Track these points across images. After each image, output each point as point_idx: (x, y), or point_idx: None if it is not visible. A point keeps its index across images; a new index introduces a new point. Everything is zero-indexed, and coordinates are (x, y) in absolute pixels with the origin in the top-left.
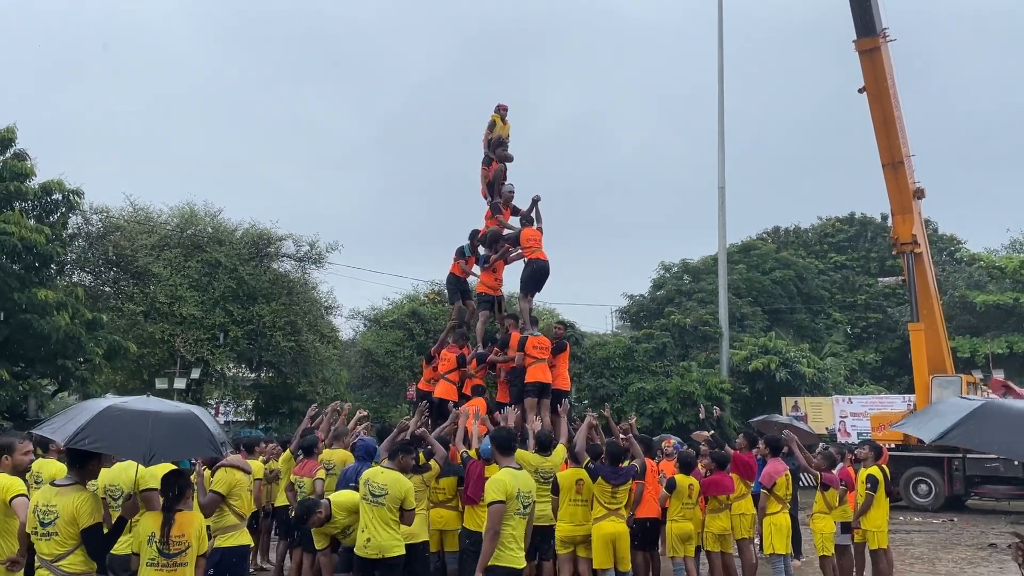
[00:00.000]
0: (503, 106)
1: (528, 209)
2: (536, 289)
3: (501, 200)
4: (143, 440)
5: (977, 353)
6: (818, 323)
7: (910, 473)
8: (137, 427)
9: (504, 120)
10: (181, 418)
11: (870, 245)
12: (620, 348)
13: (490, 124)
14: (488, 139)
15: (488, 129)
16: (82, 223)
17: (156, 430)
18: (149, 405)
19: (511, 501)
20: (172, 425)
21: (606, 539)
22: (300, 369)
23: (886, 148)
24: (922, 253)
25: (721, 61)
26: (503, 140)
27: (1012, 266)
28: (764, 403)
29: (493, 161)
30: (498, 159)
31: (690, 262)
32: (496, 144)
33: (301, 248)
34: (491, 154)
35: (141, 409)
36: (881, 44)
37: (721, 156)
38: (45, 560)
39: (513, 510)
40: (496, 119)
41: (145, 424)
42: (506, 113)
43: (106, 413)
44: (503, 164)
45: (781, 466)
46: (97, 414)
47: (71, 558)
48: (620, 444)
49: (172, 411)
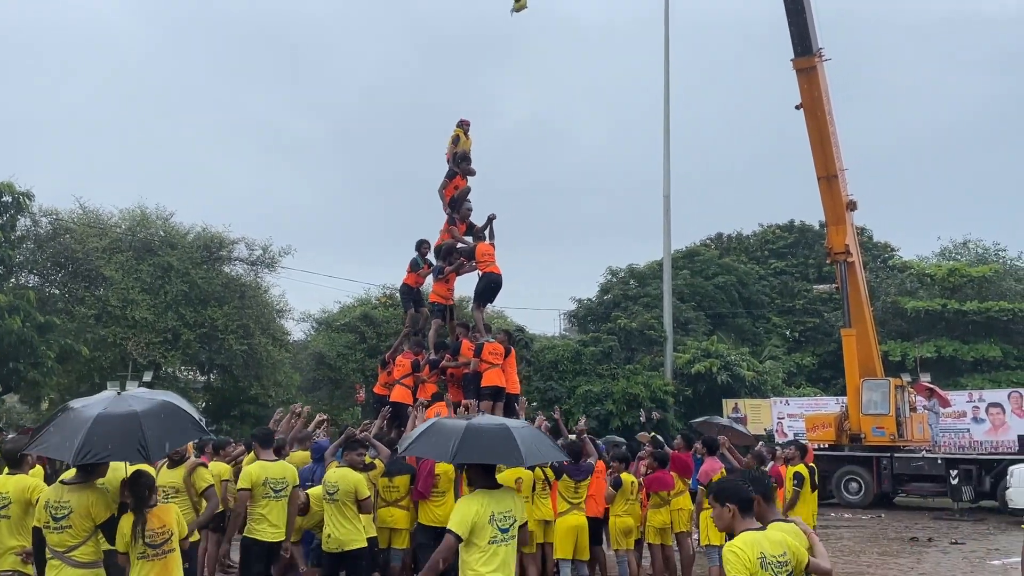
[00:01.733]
0: (466, 121)
1: (483, 226)
2: (489, 300)
3: (459, 216)
4: (140, 441)
5: (907, 357)
6: (758, 327)
7: (841, 471)
8: (130, 430)
9: (467, 135)
10: (164, 409)
11: (808, 252)
12: (568, 351)
13: (453, 138)
14: (452, 153)
15: (452, 143)
16: (31, 225)
17: (148, 429)
18: (132, 405)
19: (481, 530)
20: (160, 419)
21: (569, 531)
22: (252, 372)
23: (821, 162)
24: (854, 262)
25: (667, 78)
26: (467, 155)
27: (941, 274)
28: (706, 405)
29: (457, 175)
30: (462, 173)
31: (636, 267)
32: (460, 159)
33: (254, 252)
34: (455, 168)
35: (127, 411)
36: (817, 63)
37: (667, 166)
38: (57, 551)
39: (486, 538)
40: (459, 133)
41: (137, 425)
42: (469, 128)
43: (97, 424)
44: (468, 184)
45: (717, 464)
46: (90, 427)
47: (82, 548)
48: (575, 443)
49: (153, 405)
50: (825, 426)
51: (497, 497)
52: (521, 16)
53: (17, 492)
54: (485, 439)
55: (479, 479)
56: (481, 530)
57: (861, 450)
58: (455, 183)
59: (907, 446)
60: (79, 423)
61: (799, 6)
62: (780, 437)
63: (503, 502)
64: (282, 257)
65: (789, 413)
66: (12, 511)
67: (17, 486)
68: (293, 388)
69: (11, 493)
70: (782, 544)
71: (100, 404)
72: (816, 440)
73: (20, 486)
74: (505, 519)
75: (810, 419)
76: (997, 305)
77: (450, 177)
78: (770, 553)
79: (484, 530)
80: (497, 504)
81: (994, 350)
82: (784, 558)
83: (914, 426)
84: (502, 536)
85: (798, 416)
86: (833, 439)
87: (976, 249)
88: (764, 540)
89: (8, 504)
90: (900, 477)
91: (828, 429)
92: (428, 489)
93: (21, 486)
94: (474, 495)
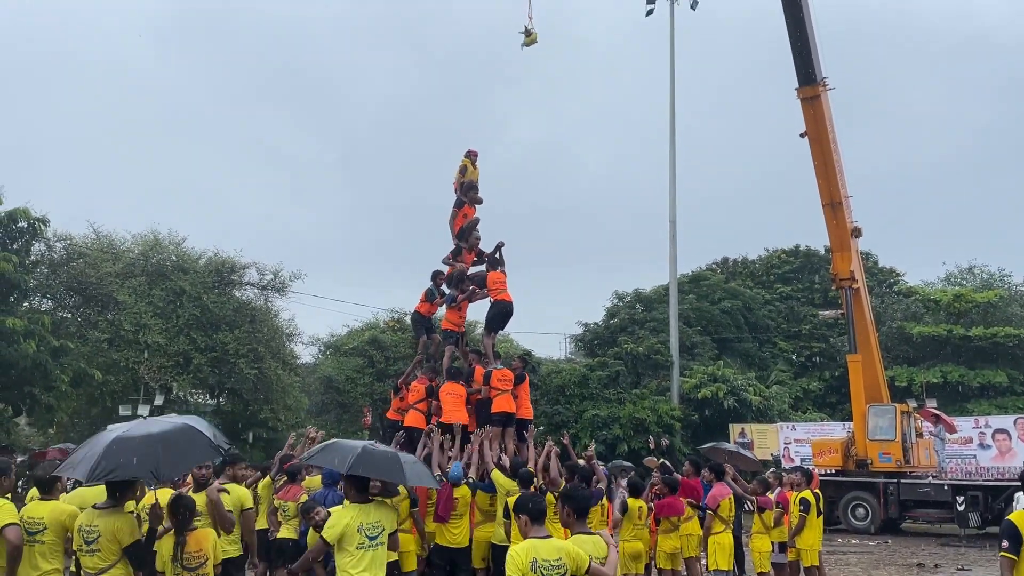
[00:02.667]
0: (474, 152)
1: (492, 251)
2: (500, 327)
3: (467, 245)
4: (153, 460)
5: (913, 382)
6: (764, 352)
7: (848, 497)
8: (146, 451)
9: (475, 165)
10: (183, 432)
11: (814, 277)
12: (575, 375)
13: (461, 168)
14: (460, 183)
15: (459, 173)
16: (45, 250)
17: (165, 451)
18: (151, 428)
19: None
20: (177, 442)
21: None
22: (262, 396)
23: (826, 189)
24: (859, 288)
25: (673, 104)
26: (474, 184)
27: (946, 299)
28: (713, 430)
29: (465, 204)
30: (470, 202)
31: (643, 291)
32: (468, 188)
33: (265, 276)
34: (463, 197)
35: (145, 433)
36: (821, 92)
37: (672, 191)
38: (90, 573)
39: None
40: (467, 163)
41: (154, 446)
42: (476, 158)
43: (115, 444)
44: (477, 214)
45: (725, 490)
46: (106, 447)
47: (113, 571)
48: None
49: (171, 428)
50: (832, 451)
51: (367, 510)
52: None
53: (52, 518)
54: (377, 459)
55: (353, 494)
56: (351, 537)
57: (868, 476)
58: (463, 212)
59: (913, 472)
60: (98, 445)
61: (803, 37)
62: (787, 462)
63: (372, 514)
64: (292, 282)
65: (796, 438)
66: (47, 537)
67: (52, 513)
68: (302, 412)
69: (46, 519)
70: (560, 550)
71: (121, 428)
72: (823, 465)
73: (56, 513)
74: (373, 528)
75: (817, 444)
76: (1003, 331)
77: (458, 206)
78: (543, 558)
79: (353, 537)
80: (366, 516)
81: (1000, 376)
82: (559, 563)
83: (920, 452)
84: (370, 543)
85: (805, 441)
86: (840, 464)
87: (981, 275)
88: (541, 546)
89: (43, 530)
90: (907, 503)
91: (835, 455)
92: (448, 513)
93: (57, 512)
94: (347, 507)
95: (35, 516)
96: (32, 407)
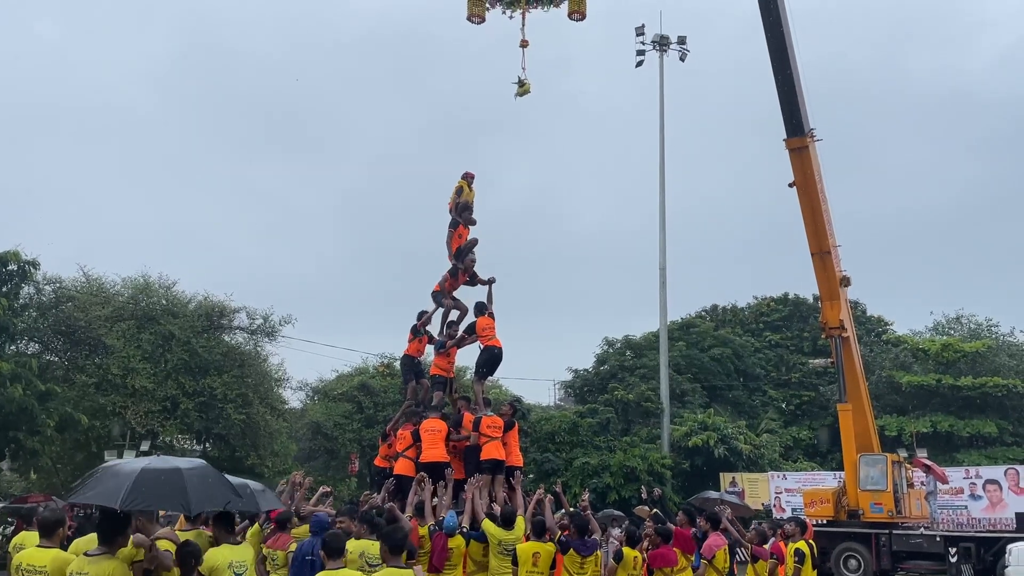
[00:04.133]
0: (470, 174)
1: (487, 282)
2: (490, 373)
3: (463, 266)
4: (184, 494)
5: (904, 431)
6: (754, 400)
7: (840, 548)
8: (175, 483)
9: (470, 187)
10: (207, 471)
11: (803, 325)
12: (565, 423)
13: (457, 190)
14: (456, 203)
15: (456, 194)
16: (34, 293)
17: (191, 485)
18: (175, 463)
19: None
20: (203, 479)
21: None
22: (249, 441)
23: (814, 238)
24: (849, 337)
25: (663, 155)
26: (469, 205)
27: (935, 349)
28: (704, 478)
29: (460, 224)
30: (464, 223)
31: (633, 338)
32: (463, 208)
33: (255, 321)
34: (458, 218)
35: (171, 467)
36: (809, 143)
37: (662, 239)
38: None
39: None
40: (463, 185)
41: (180, 480)
42: (472, 180)
43: (144, 474)
44: (474, 236)
45: (721, 540)
46: (137, 476)
47: None
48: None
49: (195, 465)
50: (823, 501)
51: (236, 550)
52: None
53: (54, 567)
54: (156, 484)
55: (222, 535)
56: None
57: (860, 526)
58: (459, 232)
59: (905, 523)
60: (125, 474)
61: (791, 88)
62: (778, 512)
63: (240, 554)
64: (282, 326)
65: (787, 488)
66: None
67: (55, 562)
68: (290, 458)
69: (48, 567)
70: None
71: (143, 461)
72: (814, 516)
73: (59, 561)
74: (241, 566)
75: (808, 494)
76: (992, 381)
77: (453, 227)
78: None
79: (224, 573)
80: (235, 555)
81: (989, 426)
82: None
83: (912, 502)
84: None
85: (796, 491)
86: (831, 515)
87: (969, 324)
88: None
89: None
90: (899, 554)
91: (826, 505)
92: (442, 563)
93: (60, 561)
94: (221, 547)
95: (36, 564)
96: (16, 452)
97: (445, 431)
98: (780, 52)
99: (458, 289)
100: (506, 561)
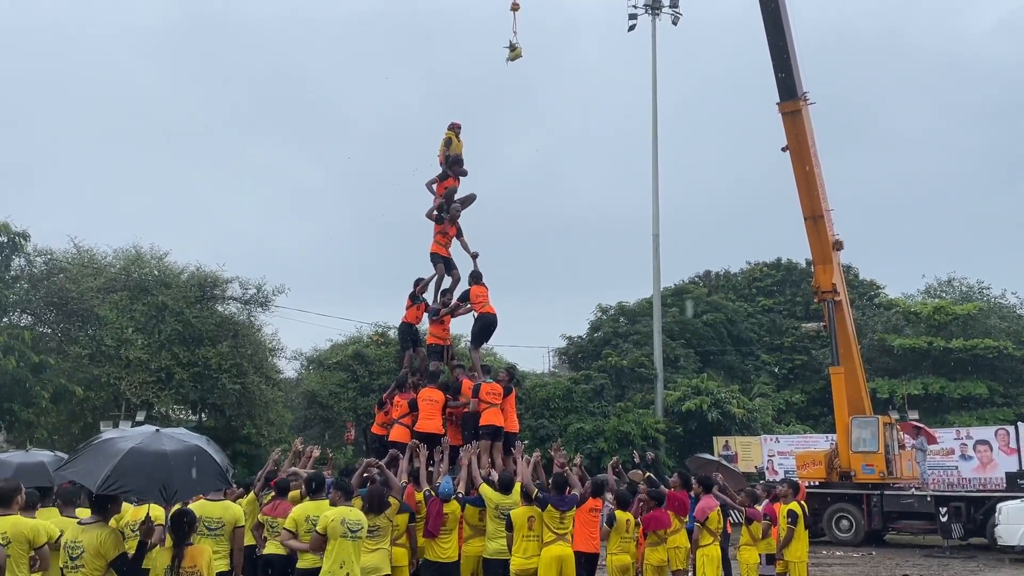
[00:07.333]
0: (457, 124)
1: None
2: (485, 340)
3: (448, 217)
4: (165, 482)
5: (895, 394)
6: (747, 364)
7: (832, 509)
8: (158, 470)
9: (459, 138)
10: (195, 455)
11: (795, 289)
12: (560, 389)
13: (445, 141)
14: (445, 155)
15: (444, 146)
16: (25, 265)
17: (175, 473)
18: (165, 445)
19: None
20: (188, 466)
21: (554, 561)
22: (244, 411)
23: (807, 203)
24: (841, 301)
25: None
26: (459, 157)
27: (927, 311)
28: (697, 442)
29: (449, 177)
30: (455, 176)
31: (626, 304)
32: (453, 162)
33: (247, 291)
34: (448, 171)
35: (158, 451)
36: (802, 107)
37: (655, 207)
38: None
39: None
40: (451, 136)
41: (165, 467)
42: (460, 131)
43: (128, 457)
44: (455, 184)
45: (713, 502)
46: (120, 459)
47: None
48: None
49: (185, 448)
50: (815, 464)
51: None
52: (518, 64)
53: (15, 532)
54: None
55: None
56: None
57: (851, 488)
58: (446, 184)
59: (896, 483)
60: (111, 454)
61: (784, 52)
62: (771, 475)
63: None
64: (275, 296)
65: (779, 451)
66: (12, 550)
67: (14, 527)
68: (285, 427)
69: (9, 533)
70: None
71: (135, 439)
72: (807, 478)
73: (18, 527)
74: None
75: (800, 457)
76: (983, 343)
77: (442, 178)
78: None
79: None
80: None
81: (980, 387)
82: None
83: (903, 463)
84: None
85: (788, 454)
86: (823, 477)
87: (960, 287)
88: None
89: (8, 544)
90: (890, 515)
91: (818, 467)
92: (438, 528)
93: (20, 526)
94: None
95: None
96: (12, 423)
97: (443, 402)
98: (774, 14)
99: (451, 245)
100: (502, 525)
